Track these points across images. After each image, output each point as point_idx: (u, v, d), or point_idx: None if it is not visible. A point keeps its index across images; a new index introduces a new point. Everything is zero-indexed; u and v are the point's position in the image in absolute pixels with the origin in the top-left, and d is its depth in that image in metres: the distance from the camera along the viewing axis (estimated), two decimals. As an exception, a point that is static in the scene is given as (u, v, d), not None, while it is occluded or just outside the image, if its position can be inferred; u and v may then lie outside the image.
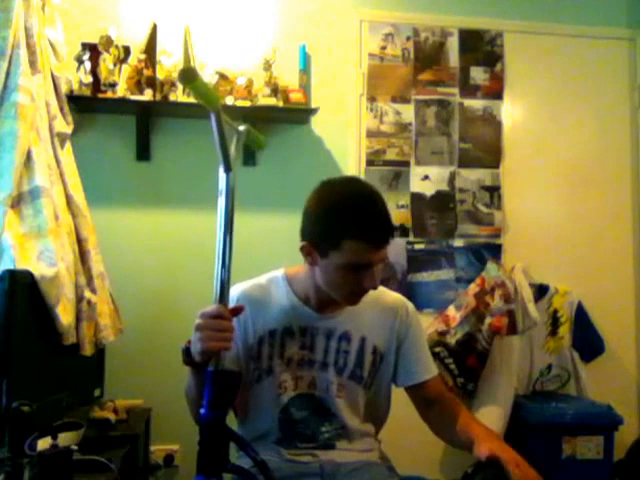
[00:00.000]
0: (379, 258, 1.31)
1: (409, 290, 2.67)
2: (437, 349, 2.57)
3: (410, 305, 1.55)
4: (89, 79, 2.35)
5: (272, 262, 1.77)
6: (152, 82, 2.41)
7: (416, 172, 2.76)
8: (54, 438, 1.36)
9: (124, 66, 2.40)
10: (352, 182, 1.43)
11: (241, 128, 1.24)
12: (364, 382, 1.46)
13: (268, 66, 2.50)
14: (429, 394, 1.49)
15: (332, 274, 1.33)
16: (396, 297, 1.55)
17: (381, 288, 1.52)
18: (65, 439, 1.42)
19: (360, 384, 1.46)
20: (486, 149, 2.82)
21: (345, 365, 1.45)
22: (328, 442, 1.44)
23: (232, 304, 1.36)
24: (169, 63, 2.44)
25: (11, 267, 1.64)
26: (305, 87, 2.59)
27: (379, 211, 1.31)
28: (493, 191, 2.80)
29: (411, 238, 2.73)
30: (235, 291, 1.47)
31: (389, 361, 1.50)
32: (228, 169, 1.13)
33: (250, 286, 1.49)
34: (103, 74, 2.36)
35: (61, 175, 2.00)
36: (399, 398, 1.57)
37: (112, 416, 1.95)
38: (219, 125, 1.09)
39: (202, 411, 1.07)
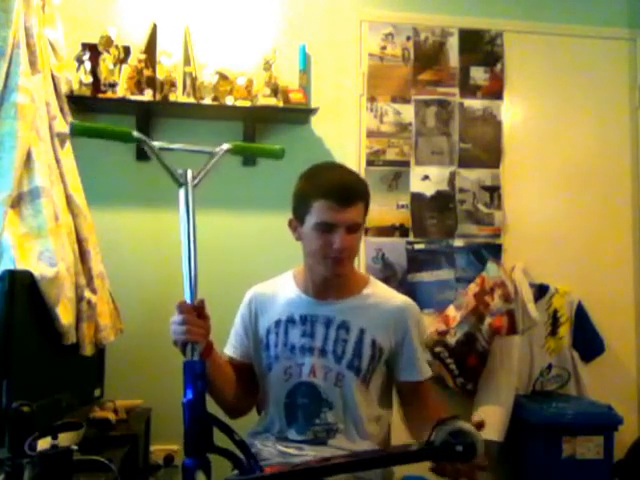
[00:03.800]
0: (345, 219, 1.42)
1: (409, 290, 2.66)
2: (437, 349, 2.57)
3: (415, 308, 1.58)
4: (89, 79, 2.35)
5: (271, 262, 1.77)
6: (152, 82, 2.41)
7: (416, 172, 2.76)
8: (54, 438, 1.36)
9: (124, 66, 2.40)
10: (329, 162, 1.60)
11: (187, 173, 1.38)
12: (362, 375, 1.48)
13: (268, 66, 2.50)
14: (414, 395, 1.51)
15: (309, 240, 1.46)
16: (402, 299, 1.58)
17: (390, 290, 1.61)
18: (65, 439, 1.42)
19: (358, 376, 1.47)
20: (486, 149, 2.82)
21: (343, 353, 1.48)
22: (319, 437, 1.46)
23: (245, 304, 1.63)
24: (169, 63, 2.44)
25: (11, 267, 1.64)
26: (305, 87, 2.59)
27: (344, 176, 1.48)
28: (493, 191, 2.80)
29: (411, 238, 2.73)
30: (249, 291, 1.64)
31: (387, 359, 1.51)
32: (179, 185, 1.35)
33: (261, 285, 1.65)
34: (103, 74, 2.37)
35: (61, 175, 1.99)
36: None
37: (112, 416, 1.95)
38: (152, 152, 1.42)
39: (184, 399, 1.16)
